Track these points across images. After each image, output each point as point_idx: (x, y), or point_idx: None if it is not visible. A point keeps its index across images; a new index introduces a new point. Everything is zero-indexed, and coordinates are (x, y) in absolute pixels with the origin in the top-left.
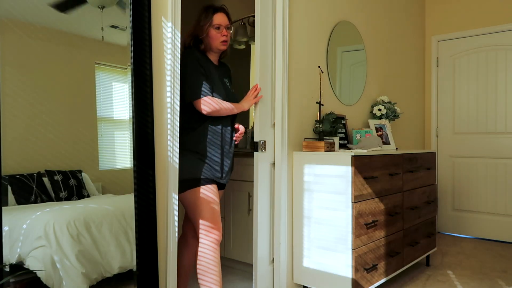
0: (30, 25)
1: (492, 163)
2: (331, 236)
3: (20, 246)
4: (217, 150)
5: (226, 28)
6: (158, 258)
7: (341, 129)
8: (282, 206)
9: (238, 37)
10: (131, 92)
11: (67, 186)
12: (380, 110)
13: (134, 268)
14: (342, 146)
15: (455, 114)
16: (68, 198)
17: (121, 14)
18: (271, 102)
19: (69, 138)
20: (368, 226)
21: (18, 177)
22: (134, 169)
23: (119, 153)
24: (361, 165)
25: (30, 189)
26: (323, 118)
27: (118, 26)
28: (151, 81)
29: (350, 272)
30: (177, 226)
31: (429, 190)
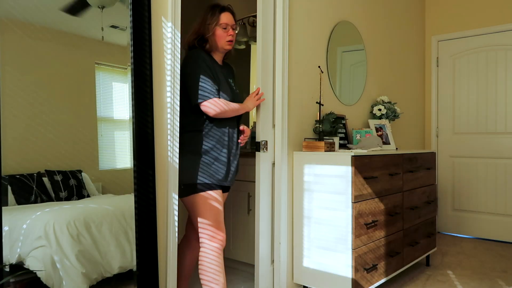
0: (30, 25)
1: (492, 163)
2: (331, 236)
3: (20, 246)
4: (224, 152)
5: (232, 28)
6: (158, 258)
7: (341, 129)
8: (282, 206)
9: (238, 37)
10: (131, 92)
11: (67, 186)
12: (380, 110)
13: (134, 268)
14: (342, 146)
15: (455, 114)
16: (68, 198)
17: (121, 14)
18: (272, 102)
19: (69, 138)
20: (368, 226)
21: (18, 177)
22: (134, 169)
23: (119, 153)
24: (361, 165)
25: (30, 189)
26: (323, 118)
27: (118, 26)
28: (151, 81)
29: (350, 272)
30: (177, 226)
31: (429, 190)
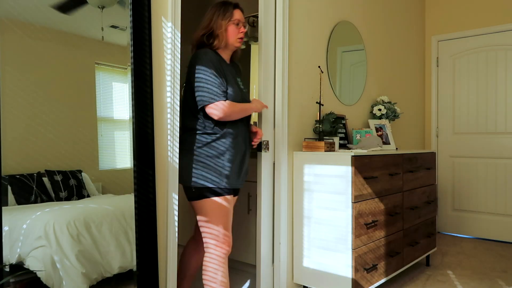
0: (30, 25)
1: (492, 163)
2: (331, 236)
3: (20, 246)
4: (238, 155)
5: (243, 25)
6: (158, 258)
7: (341, 129)
8: (282, 206)
9: None
10: (131, 92)
11: (67, 186)
12: (380, 110)
13: (134, 268)
14: (342, 146)
15: (455, 114)
16: (68, 198)
17: (121, 14)
18: (273, 103)
19: (69, 138)
20: (368, 226)
21: (18, 177)
22: (134, 169)
23: (119, 153)
24: (361, 165)
25: (30, 189)
26: (323, 118)
27: (118, 26)
28: (151, 81)
29: (350, 272)
30: (177, 226)
31: (429, 190)
